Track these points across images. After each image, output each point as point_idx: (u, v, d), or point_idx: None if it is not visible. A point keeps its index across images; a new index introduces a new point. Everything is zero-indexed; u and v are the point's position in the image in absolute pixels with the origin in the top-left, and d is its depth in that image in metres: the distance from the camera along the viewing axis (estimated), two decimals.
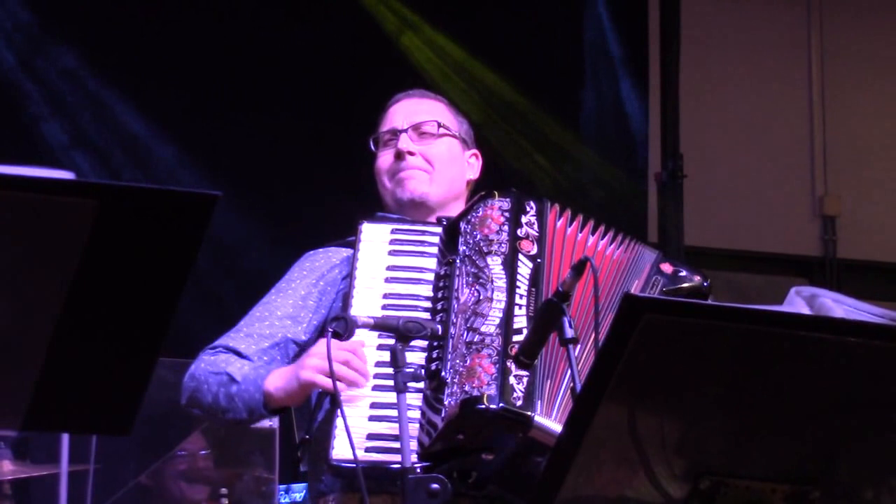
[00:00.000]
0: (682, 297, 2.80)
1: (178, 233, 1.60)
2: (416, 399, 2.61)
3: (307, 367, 2.65)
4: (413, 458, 2.47)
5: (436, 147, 3.02)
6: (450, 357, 2.61)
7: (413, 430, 2.54)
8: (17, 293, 1.58)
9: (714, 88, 7.63)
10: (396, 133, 3.02)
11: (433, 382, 2.61)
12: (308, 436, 2.82)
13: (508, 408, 2.52)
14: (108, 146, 6.19)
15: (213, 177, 6.07)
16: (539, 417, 2.52)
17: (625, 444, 1.86)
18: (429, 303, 2.75)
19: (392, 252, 2.83)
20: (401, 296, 2.77)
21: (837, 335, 1.81)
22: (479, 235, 2.74)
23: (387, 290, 2.77)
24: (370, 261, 2.81)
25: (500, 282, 2.67)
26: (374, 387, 2.65)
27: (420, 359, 2.66)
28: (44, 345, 1.61)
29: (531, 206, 2.80)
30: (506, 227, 2.75)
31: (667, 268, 2.87)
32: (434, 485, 2.44)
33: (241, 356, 2.83)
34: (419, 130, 3.03)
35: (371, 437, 2.60)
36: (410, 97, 3.10)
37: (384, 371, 2.61)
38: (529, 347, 2.48)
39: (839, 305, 2.61)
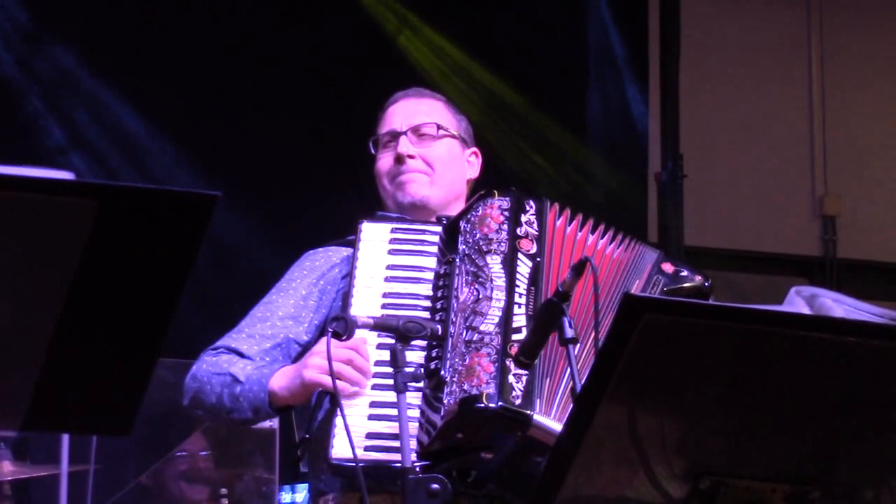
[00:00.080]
0: (683, 297, 2.80)
1: (178, 233, 1.60)
2: (416, 398, 2.61)
3: (311, 367, 2.66)
4: (412, 457, 2.47)
5: (435, 149, 3.01)
6: (449, 356, 2.60)
7: (412, 429, 2.54)
8: (17, 293, 1.58)
9: (714, 88, 7.62)
10: (396, 135, 3.01)
11: (432, 381, 2.60)
12: (308, 435, 2.82)
13: (507, 406, 2.51)
14: (106, 146, 6.18)
15: (213, 177, 6.05)
16: (538, 416, 2.52)
17: (625, 444, 1.86)
18: (428, 302, 2.75)
19: (392, 251, 2.83)
20: (400, 295, 2.77)
21: (837, 335, 1.81)
22: (479, 234, 2.74)
23: (386, 290, 2.77)
24: (370, 260, 2.81)
25: (500, 281, 2.67)
26: (374, 386, 2.65)
27: (420, 358, 2.66)
28: (44, 345, 1.61)
29: (531, 205, 2.80)
30: (505, 226, 2.74)
31: (668, 268, 2.86)
32: (434, 485, 2.44)
33: (243, 357, 2.83)
34: (418, 132, 3.02)
35: (371, 437, 2.60)
36: (409, 97, 3.10)
37: (384, 370, 2.61)
38: (529, 348, 2.48)
39: (839, 305, 2.60)
